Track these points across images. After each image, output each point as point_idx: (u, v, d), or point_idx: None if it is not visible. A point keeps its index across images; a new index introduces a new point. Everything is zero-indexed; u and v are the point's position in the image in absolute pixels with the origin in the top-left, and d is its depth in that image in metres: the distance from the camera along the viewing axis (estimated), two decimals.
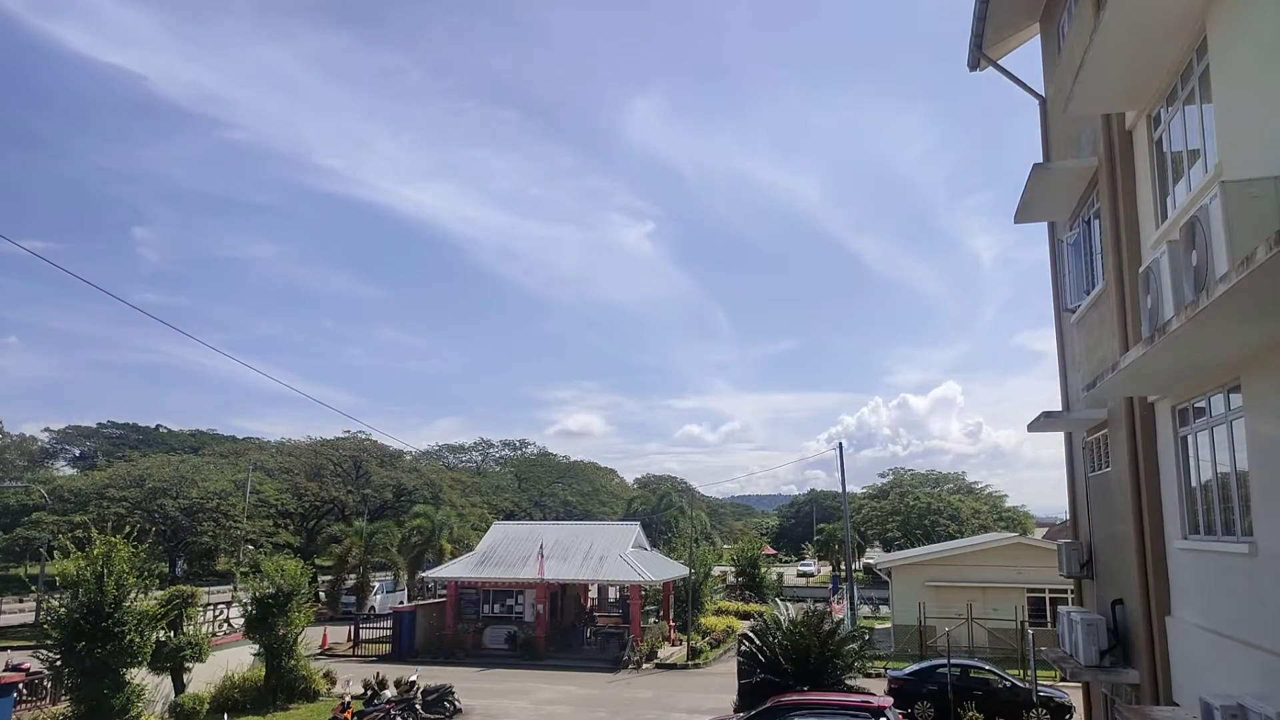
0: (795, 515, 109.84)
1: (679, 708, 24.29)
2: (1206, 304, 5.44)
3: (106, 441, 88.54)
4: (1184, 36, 7.82)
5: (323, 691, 24.80)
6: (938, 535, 67.81)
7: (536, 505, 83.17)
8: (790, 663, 19.61)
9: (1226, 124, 7.15)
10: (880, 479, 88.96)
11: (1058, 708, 21.62)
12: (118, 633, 17.83)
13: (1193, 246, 6.19)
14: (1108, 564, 12.07)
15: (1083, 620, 11.21)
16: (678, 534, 59.35)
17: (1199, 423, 8.42)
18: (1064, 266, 12.79)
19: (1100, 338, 11.46)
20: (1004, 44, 15.48)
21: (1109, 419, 11.46)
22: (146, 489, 53.82)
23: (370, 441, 69.98)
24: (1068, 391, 14.09)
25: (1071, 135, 12.64)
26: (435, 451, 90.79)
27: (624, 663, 31.41)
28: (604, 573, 34.37)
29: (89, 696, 17.68)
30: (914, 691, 22.75)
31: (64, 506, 51.17)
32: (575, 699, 25.47)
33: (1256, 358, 6.69)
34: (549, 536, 36.10)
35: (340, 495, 65.37)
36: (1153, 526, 9.66)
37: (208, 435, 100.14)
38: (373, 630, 35.45)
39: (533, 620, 34.47)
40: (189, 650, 21.22)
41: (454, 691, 22.30)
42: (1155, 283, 7.25)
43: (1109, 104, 9.65)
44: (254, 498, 57.90)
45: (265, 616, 23.64)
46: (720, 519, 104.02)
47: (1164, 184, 9.21)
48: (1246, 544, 7.05)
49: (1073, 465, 14.30)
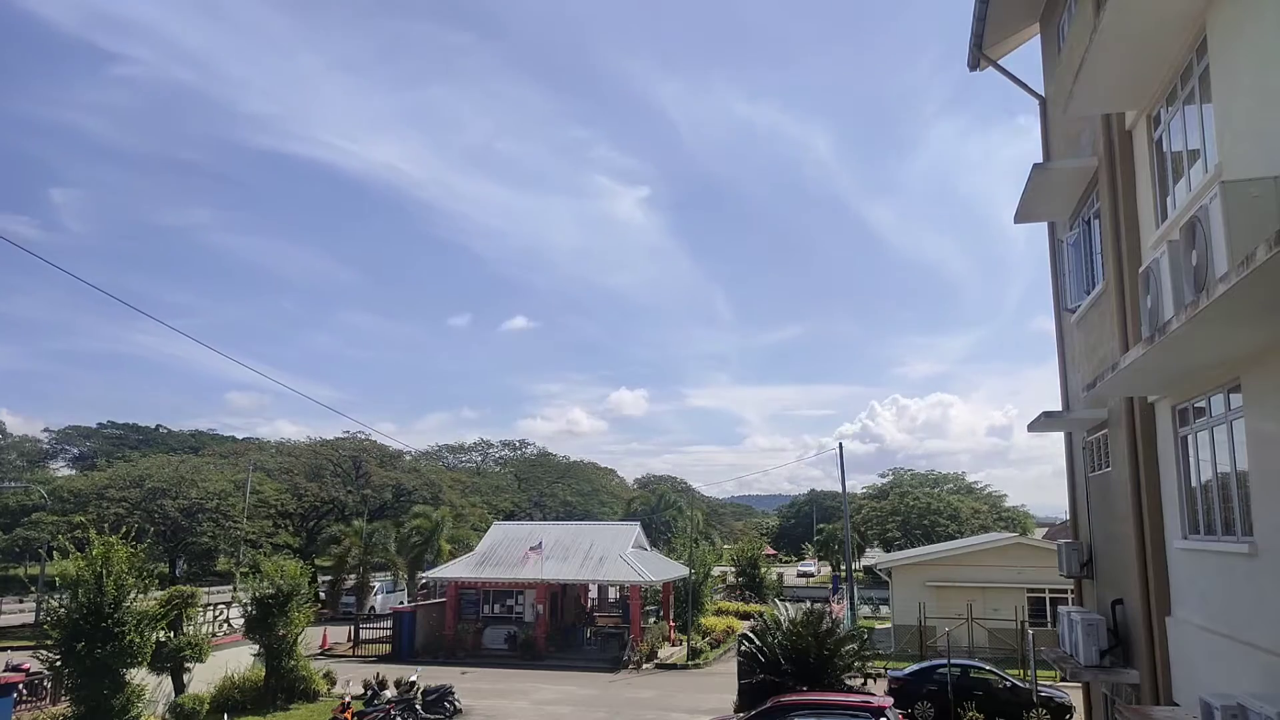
0: (795, 515, 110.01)
1: (679, 708, 24.28)
2: (1206, 304, 5.43)
3: (106, 442, 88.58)
4: (1184, 36, 7.82)
5: (323, 692, 24.81)
6: (937, 535, 67.83)
7: (536, 505, 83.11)
8: (790, 663, 19.61)
9: (1226, 124, 7.15)
10: (880, 479, 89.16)
11: (1058, 708, 21.62)
12: (118, 633, 17.83)
13: (1193, 246, 6.19)
14: (1108, 564, 12.07)
15: (1083, 620, 11.21)
16: (677, 534, 59.34)
17: (1199, 423, 8.42)
18: (1064, 266, 12.80)
19: (1100, 338, 11.46)
20: (1004, 44, 15.49)
21: (1109, 419, 11.46)
22: (146, 489, 53.84)
23: (370, 442, 70.00)
24: (1068, 391, 14.10)
25: (1071, 135, 12.64)
26: (435, 452, 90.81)
27: (624, 663, 31.40)
28: (604, 573, 34.36)
29: (89, 697, 17.68)
30: (914, 691, 22.76)
31: (64, 507, 51.20)
32: (575, 699, 25.46)
33: (1256, 358, 6.69)
34: (549, 537, 36.10)
35: (340, 495, 65.31)
36: (1153, 526, 9.66)
37: (207, 435, 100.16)
38: (373, 630, 35.49)
39: (533, 620, 34.47)
40: (189, 650, 21.24)
41: (454, 692, 22.30)
42: (1155, 283, 7.25)
43: (1109, 104, 9.65)
44: (254, 498, 57.89)
45: (265, 617, 23.64)
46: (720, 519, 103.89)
47: (1164, 184, 9.21)
48: (1246, 544, 7.05)
49: (1073, 465, 14.30)
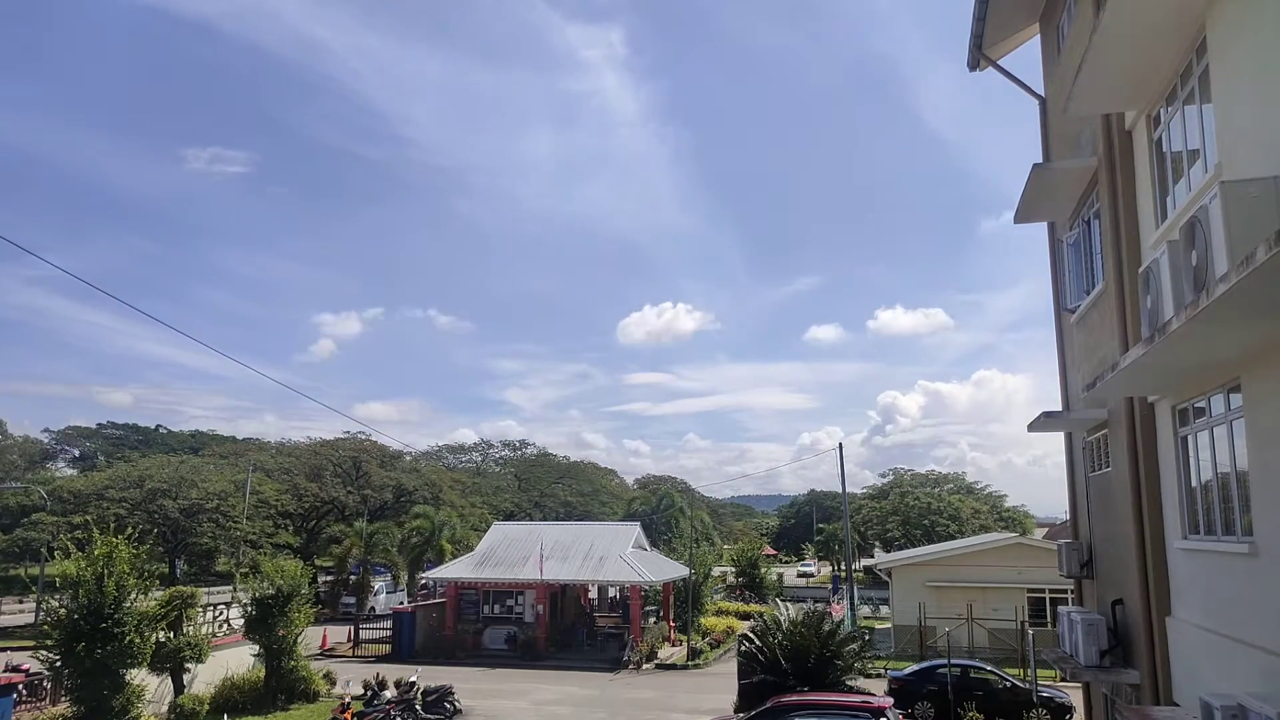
0: (795, 515, 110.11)
1: (679, 708, 24.27)
2: (1206, 304, 5.43)
3: (106, 442, 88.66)
4: (1184, 36, 7.82)
5: (323, 692, 24.79)
6: (938, 535, 67.90)
7: (536, 506, 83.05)
8: (790, 663, 19.60)
9: (1226, 124, 7.15)
10: (880, 479, 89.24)
11: (1058, 708, 21.63)
12: (117, 633, 17.84)
13: (1192, 246, 6.19)
14: (1108, 564, 12.07)
15: (1083, 620, 11.20)
16: (678, 534, 59.34)
17: (1199, 423, 8.41)
18: (1064, 266, 12.79)
19: (1100, 338, 11.45)
20: (1004, 44, 15.48)
21: (1109, 419, 11.46)
22: (146, 490, 53.80)
23: (370, 442, 70.02)
24: (1068, 391, 14.09)
25: (1071, 135, 12.63)
26: (435, 452, 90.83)
27: (624, 663, 31.39)
28: (604, 573, 34.36)
29: (89, 697, 17.70)
30: (914, 692, 22.77)
31: (64, 507, 51.13)
32: (575, 699, 25.45)
33: (1256, 358, 6.69)
34: (549, 537, 36.07)
35: (340, 496, 65.28)
36: (1153, 526, 9.65)
37: (207, 436, 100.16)
38: (373, 631, 35.48)
39: (533, 621, 34.46)
40: (189, 651, 21.22)
41: (454, 692, 22.28)
42: (1155, 283, 7.25)
43: (1109, 104, 9.65)
44: (254, 498, 57.88)
45: (265, 617, 23.64)
46: (720, 519, 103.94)
47: (1164, 184, 9.20)
48: (1246, 544, 7.05)
49: (1073, 465, 14.30)
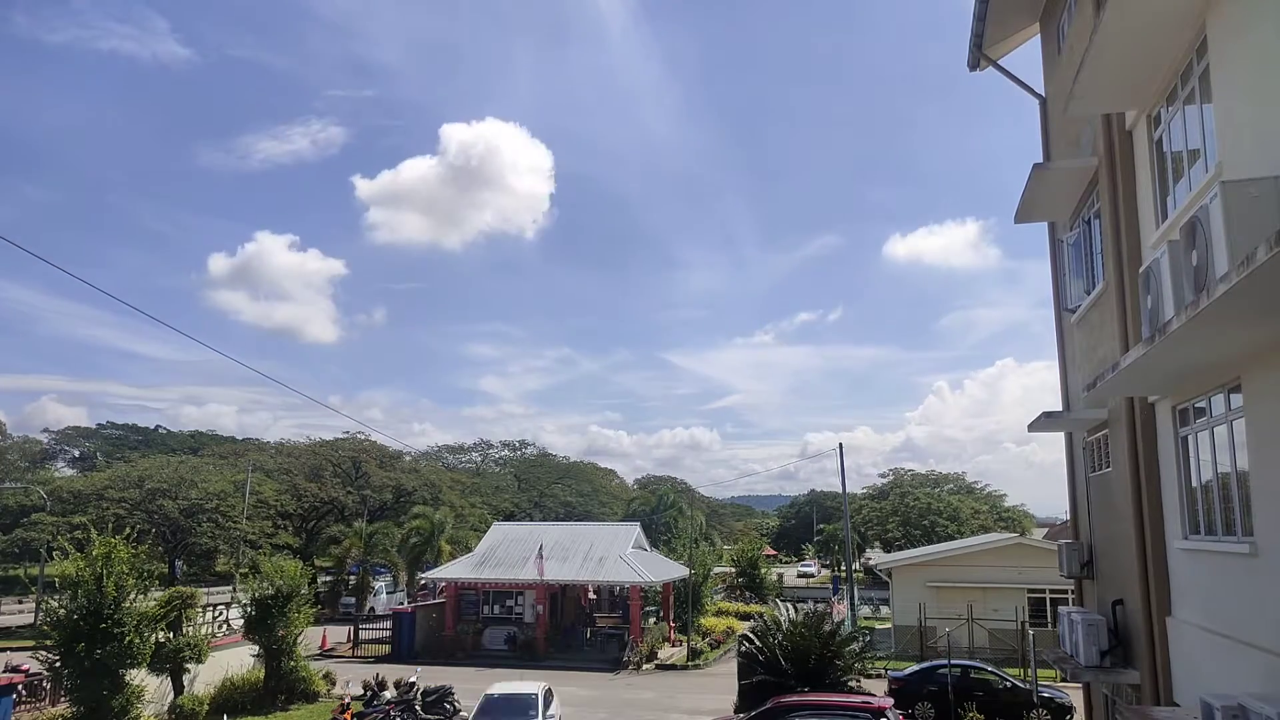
0: (795, 515, 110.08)
1: (679, 708, 24.27)
2: (1206, 304, 5.42)
3: (106, 442, 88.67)
4: (1184, 36, 7.81)
5: (322, 692, 24.79)
6: (938, 535, 67.86)
7: (536, 506, 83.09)
8: (790, 663, 19.60)
9: (1226, 124, 7.14)
10: (880, 479, 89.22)
11: (1058, 708, 21.61)
12: (117, 634, 17.84)
13: (1193, 246, 6.18)
14: (1108, 564, 12.06)
15: (1083, 620, 11.20)
16: (678, 534, 59.32)
17: (1199, 423, 8.41)
18: (1064, 266, 12.79)
19: (1100, 338, 11.45)
20: (1004, 44, 15.49)
21: (1109, 419, 11.46)
22: (146, 490, 53.80)
23: (369, 442, 70.05)
24: (1068, 391, 14.09)
25: (1071, 135, 12.63)
26: (434, 452, 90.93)
27: (624, 663, 31.38)
28: (604, 573, 34.36)
29: (88, 697, 17.70)
30: (914, 692, 22.75)
31: (63, 507, 51.17)
32: (576, 700, 25.42)
33: (1256, 358, 6.68)
34: (549, 537, 36.07)
35: (340, 496, 65.29)
36: (1153, 526, 9.65)
37: (207, 436, 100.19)
38: (372, 631, 35.50)
39: (533, 621, 34.45)
40: (188, 651, 21.22)
41: (454, 692, 22.26)
42: (1155, 283, 7.24)
43: (1109, 104, 9.65)
44: (253, 499, 57.87)
45: (265, 617, 23.64)
46: (720, 519, 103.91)
47: (1164, 184, 9.20)
48: (1247, 544, 7.04)
49: (1073, 465, 14.29)
